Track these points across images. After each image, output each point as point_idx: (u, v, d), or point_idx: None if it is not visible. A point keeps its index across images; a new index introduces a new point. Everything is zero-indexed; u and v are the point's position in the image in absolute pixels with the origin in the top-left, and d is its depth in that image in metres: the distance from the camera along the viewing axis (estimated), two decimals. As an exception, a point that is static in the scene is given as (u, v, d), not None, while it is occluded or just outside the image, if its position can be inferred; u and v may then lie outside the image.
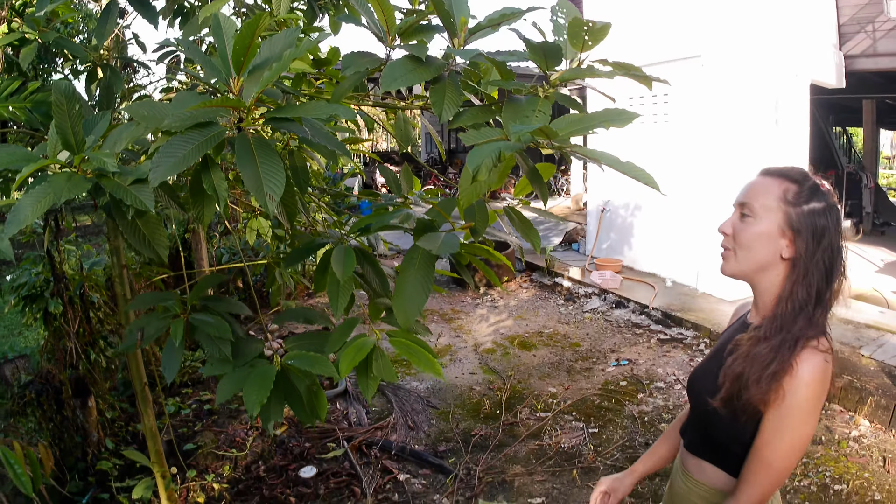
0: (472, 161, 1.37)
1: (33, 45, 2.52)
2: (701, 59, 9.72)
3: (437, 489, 5.23)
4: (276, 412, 2.04)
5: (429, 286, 1.87)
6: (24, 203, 1.45)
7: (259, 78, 1.46)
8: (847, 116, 19.74)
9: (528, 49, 1.75)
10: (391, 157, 30.48)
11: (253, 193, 1.36)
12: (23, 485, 3.02)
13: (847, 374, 6.55)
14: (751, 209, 2.09)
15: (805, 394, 1.89)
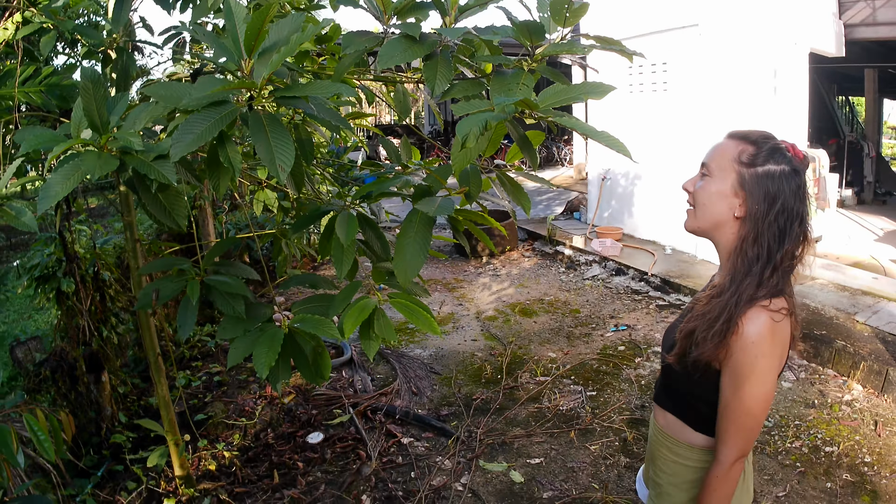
0: (460, 130, 1.49)
1: (52, 33, 2.63)
2: (699, 27, 9.75)
3: (440, 451, 5.36)
4: (283, 373, 2.16)
5: (426, 247, 1.98)
6: (54, 180, 1.57)
7: (268, 60, 1.58)
8: (850, 86, 19.61)
9: (513, 27, 1.86)
10: (395, 129, 30.41)
11: (266, 164, 1.49)
12: (45, 451, 3.13)
13: (841, 339, 6.64)
14: (708, 168, 2.21)
15: (752, 351, 1.96)
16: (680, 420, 2.28)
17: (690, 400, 2.21)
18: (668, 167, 10.65)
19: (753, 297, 2.00)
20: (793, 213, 2.03)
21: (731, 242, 2.14)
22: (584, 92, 1.71)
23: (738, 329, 1.98)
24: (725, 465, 2.07)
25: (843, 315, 7.37)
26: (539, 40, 1.87)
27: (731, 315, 2.00)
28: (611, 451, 5.28)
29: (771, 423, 5.56)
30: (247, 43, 1.59)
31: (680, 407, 2.28)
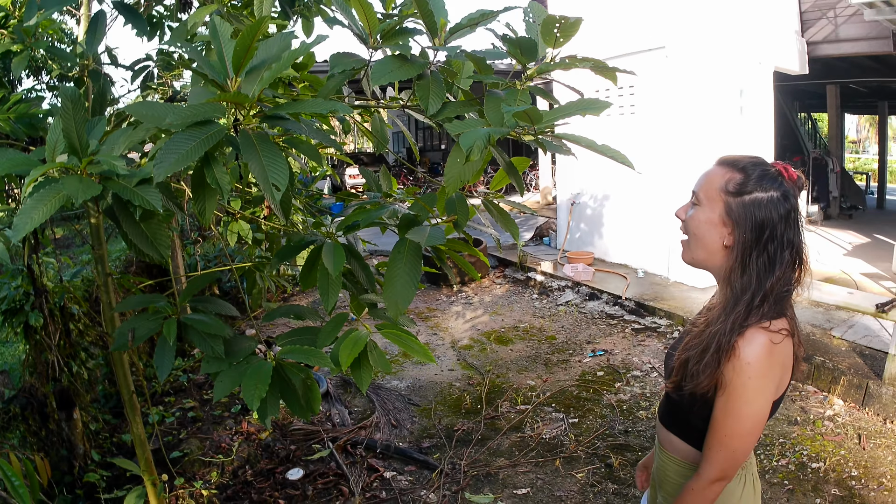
0: (465, 143, 1.45)
1: (25, 53, 2.55)
2: (665, 49, 9.83)
3: (424, 485, 5.28)
4: (272, 407, 2.08)
5: (417, 278, 1.93)
6: (30, 206, 1.49)
7: (256, 78, 1.52)
8: (812, 102, 19.94)
9: (506, 45, 1.83)
10: (360, 158, 30.56)
11: (260, 185, 1.42)
12: (21, 498, 3.03)
13: (819, 355, 6.66)
14: (697, 197, 2.15)
15: (748, 373, 1.94)
16: (685, 442, 2.24)
17: (694, 421, 2.16)
18: (638, 190, 10.69)
19: (744, 324, 1.97)
20: (783, 240, 2.00)
21: (724, 270, 2.12)
22: (582, 108, 1.67)
23: (734, 352, 1.95)
24: (703, 481, 2.06)
25: (819, 331, 7.42)
26: (532, 58, 1.83)
27: (721, 345, 1.98)
28: (598, 478, 5.22)
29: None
30: (235, 60, 1.52)
31: (684, 429, 2.24)
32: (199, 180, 1.69)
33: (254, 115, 1.56)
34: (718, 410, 2.00)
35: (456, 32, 1.88)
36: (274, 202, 1.46)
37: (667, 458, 2.33)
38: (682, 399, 2.14)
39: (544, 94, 1.94)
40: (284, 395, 2.12)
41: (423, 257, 1.96)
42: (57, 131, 1.66)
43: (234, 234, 4.03)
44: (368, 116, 3.07)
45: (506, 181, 2.36)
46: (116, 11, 2.64)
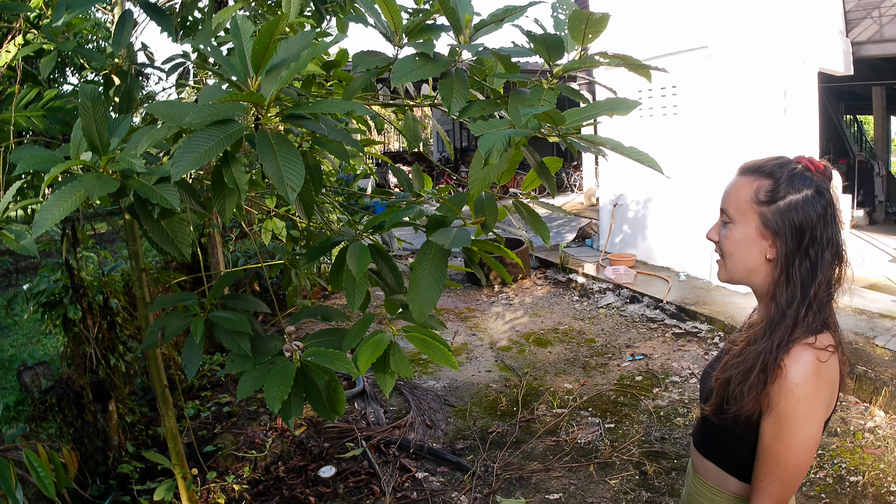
0: (483, 145, 1.42)
1: (53, 53, 2.56)
2: (707, 49, 9.72)
3: (455, 486, 5.26)
4: (296, 408, 2.07)
5: (442, 280, 1.90)
6: (50, 203, 1.49)
7: (277, 77, 1.51)
8: (857, 104, 19.59)
9: (531, 42, 1.79)
10: (403, 157, 30.52)
11: (275, 185, 1.41)
12: (46, 488, 3.05)
13: (861, 364, 6.53)
14: (728, 215, 2.04)
15: (797, 395, 1.81)
16: (721, 469, 2.11)
17: (732, 445, 2.03)
18: (680, 192, 10.58)
19: (790, 339, 1.85)
20: (823, 241, 1.88)
21: (767, 285, 1.99)
22: (609, 108, 1.63)
23: (780, 372, 1.82)
24: None
25: (861, 339, 7.27)
26: (558, 56, 1.79)
27: (767, 364, 1.85)
28: (631, 485, 5.16)
29: (793, 452, 5.43)
30: (254, 59, 1.51)
31: (723, 456, 2.11)
32: (218, 179, 1.68)
33: (274, 115, 1.55)
34: (767, 437, 1.87)
35: (481, 29, 1.85)
36: (290, 202, 1.44)
37: (702, 487, 2.21)
38: (723, 424, 2.00)
39: (573, 92, 1.89)
40: (309, 397, 2.11)
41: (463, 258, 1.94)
42: (80, 131, 1.66)
43: (269, 231, 4.04)
44: (402, 114, 3.05)
45: (538, 182, 2.33)
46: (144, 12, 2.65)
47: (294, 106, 1.56)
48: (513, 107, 1.70)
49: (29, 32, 2.82)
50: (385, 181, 26.56)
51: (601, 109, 1.63)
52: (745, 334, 2.03)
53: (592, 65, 1.77)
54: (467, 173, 2.39)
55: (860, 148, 19.14)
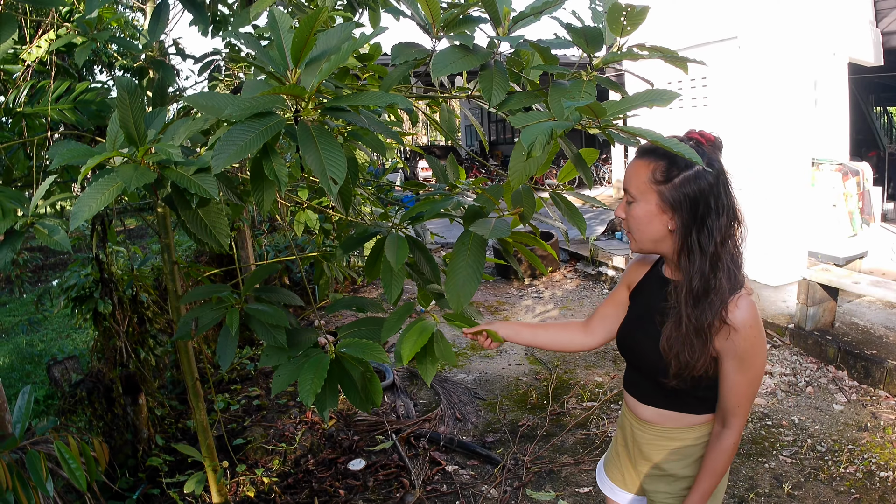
0: (526, 138, 1.41)
1: (87, 43, 2.57)
2: (738, 40, 9.62)
3: (485, 480, 5.25)
4: (331, 400, 2.07)
5: (480, 271, 1.90)
6: (88, 195, 1.50)
7: (316, 70, 1.50)
8: (888, 95, 19.36)
9: (570, 34, 1.79)
10: (432, 150, 30.57)
11: (318, 177, 1.40)
12: (77, 480, 3.07)
13: (892, 359, 6.44)
14: (630, 195, 2.20)
15: (751, 333, 2.11)
16: (680, 412, 2.35)
17: (695, 392, 2.27)
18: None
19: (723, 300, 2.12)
20: (718, 208, 2.11)
21: (673, 252, 2.20)
22: (648, 99, 1.62)
23: (729, 319, 2.10)
24: (738, 431, 2.21)
25: (892, 334, 7.18)
26: (597, 48, 1.79)
27: (706, 333, 2.11)
28: (660, 476, 5.12)
29: (824, 447, 5.40)
30: (294, 52, 1.51)
31: (680, 402, 2.34)
32: (258, 171, 1.68)
33: (313, 108, 1.54)
34: (732, 374, 2.15)
35: (520, 21, 1.84)
36: (332, 194, 1.44)
37: (653, 431, 2.42)
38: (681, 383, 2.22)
39: (612, 84, 1.88)
40: (344, 388, 2.11)
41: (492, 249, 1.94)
42: (116, 123, 1.66)
43: (301, 224, 4.04)
44: (437, 107, 3.05)
45: (574, 173, 2.34)
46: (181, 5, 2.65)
47: (335, 98, 1.55)
48: (554, 99, 1.69)
49: (61, 27, 2.83)
50: (414, 174, 26.59)
51: (640, 101, 1.63)
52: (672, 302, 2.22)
53: (632, 57, 1.76)
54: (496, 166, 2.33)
55: (890, 140, 18.94)
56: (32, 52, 2.79)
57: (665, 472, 2.42)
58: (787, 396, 6.40)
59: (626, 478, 2.61)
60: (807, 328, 7.35)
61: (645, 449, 2.45)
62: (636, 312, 2.48)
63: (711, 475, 2.26)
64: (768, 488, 4.86)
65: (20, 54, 2.80)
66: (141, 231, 16.14)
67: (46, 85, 2.80)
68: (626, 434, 2.57)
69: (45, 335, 10.94)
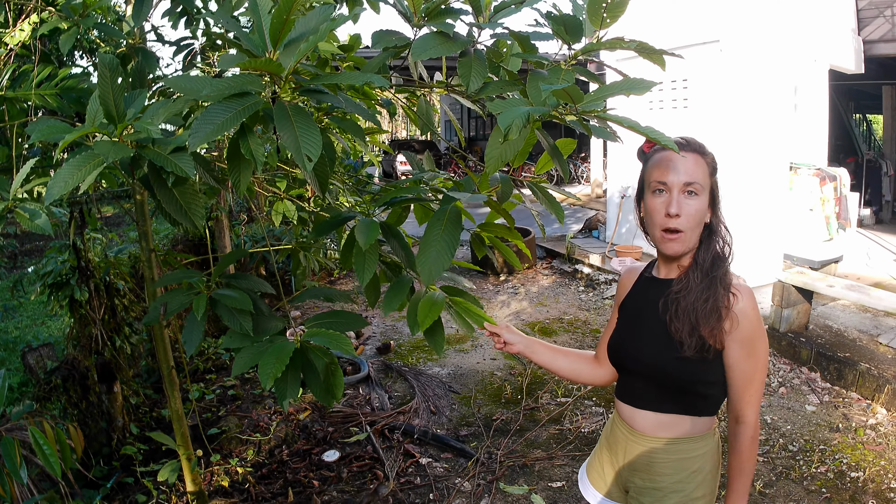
0: (503, 121, 1.43)
1: (73, 30, 2.56)
2: (720, 43, 9.67)
3: (459, 473, 5.27)
4: (292, 389, 2.06)
5: (454, 246, 1.90)
6: (64, 170, 1.50)
7: (295, 51, 1.51)
8: (868, 103, 19.47)
9: (549, 22, 1.80)
10: (411, 145, 30.56)
11: (292, 154, 1.41)
12: (52, 466, 3.06)
13: (864, 361, 6.51)
14: (696, 187, 2.22)
15: (754, 315, 2.20)
16: (681, 415, 2.34)
17: (697, 388, 2.28)
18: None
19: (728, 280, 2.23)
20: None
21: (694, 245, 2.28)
22: (625, 88, 1.63)
23: (734, 304, 2.18)
24: (754, 424, 2.24)
25: (866, 337, 7.25)
26: (577, 38, 1.81)
27: (720, 297, 2.19)
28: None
29: (796, 447, 5.45)
30: (272, 33, 1.52)
31: (682, 402, 2.33)
32: (235, 151, 1.68)
33: (291, 88, 1.54)
34: (738, 360, 2.21)
35: (501, 11, 1.86)
36: (307, 170, 1.44)
37: (650, 441, 2.39)
38: (699, 361, 2.22)
39: (590, 74, 1.90)
40: (307, 379, 2.10)
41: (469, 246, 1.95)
42: (97, 102, 1.66)
43: (279, 214, 4.04)
44: (415, 100, 3.05)
45: (550, 165, 2.34)
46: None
47: (311, 78, 1.56)
48: (532, 84, 1.70)
49: (44, 11, 2.82)
50: (392, 169, 26.58)
51: (618, 89, 1.64)
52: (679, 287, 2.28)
53: (612, 46, 1.77)
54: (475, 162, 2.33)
55: (868, 147, 19.04)
56: (15, 35, 2.77)
57: (655, 486, 2.40)
58: (760, 396, 6.44)
59: (611, 488, 2.59)
60: (781, 329, 7.41)
61: (637, 461, 2.43)
62: (628, 318, 2.50)
63: (740, 475, 2.27)
64: (739, 486, 4.89)
65: (2, 37, 2.79)
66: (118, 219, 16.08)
67: (29, 69, 2.79)
68: (615, 446, 2.54)
69: (20, 322, 10.89)
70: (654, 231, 2.27)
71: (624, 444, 2.48)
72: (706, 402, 2.30)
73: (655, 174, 2.26)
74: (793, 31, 9.46)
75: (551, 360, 2.70)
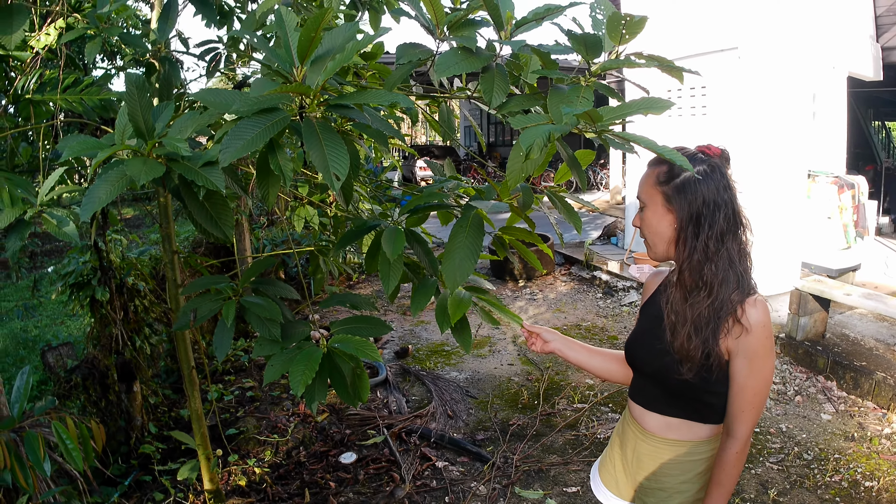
0: (525, 140, 1.46)
1: (98, 40, 2.61)
2: (738, 51, 9.65)
3: (475, 476, 5.29)
4: (319, 393, 2.11)
5: (478, 252, 1.95)
6: (98, 186, 1.54)
7: (321, 67, 1.55)
8: (887, 110, 19.37)
9: (570, 40, 1.83)
10: (430, 150, 30.56)
11: (320, 173, 1.44)
12: (73, 460, 3.10)
13: (881, 370, 6.49)
14: (641, 201, 2.32)
15: (763, 333, 2.16)
16: (687, 420, 2.37)
17: (704, 397, 2.30)
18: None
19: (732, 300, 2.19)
20: (716, 209, 2.20)
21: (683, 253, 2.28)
22: (644, 107, 1.66)
23: (743, 319, 2.16)
24: (743, 441, 2.22)
25: (882, 346, 7.23)
26: (596, 55, 1.83)
27: (720, 317, 2.18)
28: (647, 479, 5.16)
29: (810, 456, 5.45)
30: (300, 50, 1.55)
31: (688, 408, 2.36)
32: (264, 166, 1.72)
33: (318, 104, 1.58)
34: (741, 376, 2.19)
35: (522, 26, 1.89)
36: (335, 190, 1.48)
37: (656, 442, 2.43)
38: (691, 382, 2.24)
39: (609, 90, 1.93)
40: (334, 382, 2.14)
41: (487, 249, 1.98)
42: (125, 116, 1.70)
43: (300, 219, 4.07)
44: (436, 107, 3.08)
45: (569, 175, 2.38)
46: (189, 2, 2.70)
47: (339, 96, 1.59)
48: (552, 103, 1.73)
49: (70, 16, 2.87)
50: (411, 174, 26.61)
51: (636, 109, 1.67)
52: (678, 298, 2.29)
53: (629, 65, 1.80)
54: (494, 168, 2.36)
55: (888, 154, 18.96)
56: (41, 39, 2.83)
57: (660, 486, 2.43)
58: (775, 404, 6.45)
59: (621, 486, 2.62)
60: (797, 338, 7.39)
61: (645, 461, 2.46)
62: (646, 320, 2.53)
63: (718, 486, 2.27)
64: (754, 494, 4.90)
65: (29, 41, 2.84)
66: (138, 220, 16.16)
67: (55, 74, 2.84)
68: (625, 444, 2.58)
69: (40, 321, 10.96)
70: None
71: (633, 443, 2.52)
72: (713, 411, 2.32)
73: None
74: (811, 38, 9.43)
75: (587, 359, 2.79)
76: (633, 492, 2.58)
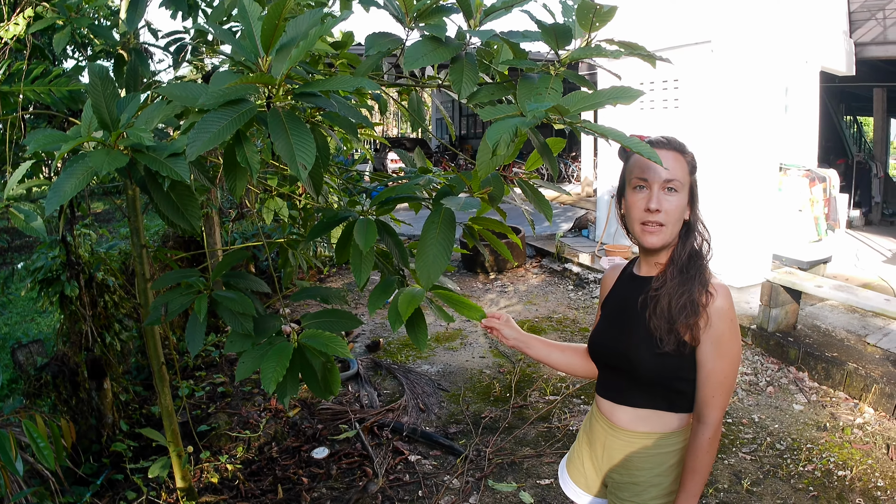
0: (491, 136, 1.44)
1: (66, 29, 2.58)
2: (711, 44, 9.67)
3: (448, 470, 5.28)
4: (291, 388, 2.09)
5: (450, 247, 1.93)
6: (63, 179, 1.51)
7: (286, 56, 1.53)
8: (858, 105, 19.49)
9: (540, 29, 1.81)
10: (402, 143, 30.52)
11: (287, 163, 1.42)
12: (45, 458, 3.07)
13: (852, 361, 6.55)
14: (676, 184, 2.28)
15: (728, 316, 2.21)
16: (657, 410, 2.37)
17: (673, 384, 2.31)
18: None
19: (706, 279, 2.26)
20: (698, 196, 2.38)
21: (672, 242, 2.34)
22: (613, 97, 1.65)
23: (710, 302, 2.21)
24: (714, 426, 2.24)
25: (853, 337, 7.29)
26: (566, 44, 1.82)
27: (697, 291, 2.23)
28: (620, 471, 5.17)
29: (783, 445, 5.49)
30: (263, 39, 1.53)
31: (657, 397, 2.36)
32: (231, 158, 1.70)
33: (284, 93, 1.56)
34: (709, 360, 2.22)
35: (491, 14, 1.88)
36: (302, 179, 1.46)
37: (627, 435, 2.43)
38: (676, 355, 2.25)
39: (580, 79, 1.92)
40: (305, 376, 2.13)
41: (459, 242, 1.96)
42: (90, 110, 1.68)
43: (270, 211, 4.04)
44: (406, 95, 3.07)
45: (540, 162, 2.37)
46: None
47: (305, 84, 1.57)
48: (521, 95, 1.71)
49: (38, 5, 2.83)
50: (383, 166, 26.55)
51: (605, 98, 1.66)
52: (658, 283, 2.32)
53: (599, 54, 1.79)
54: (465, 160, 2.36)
55: (859, 149, 19.06)
56: (10, 29, 2.79)
57: (633, 481, 2.42)
58: (747, 395, 6.48)
59: (590, 482, 2.63)
60: (769, 329, 7.44)
61: (617, 456, 2.46)
62: (609, 315, 2.55)
63: (692, 474, 2.27)
64: (727, 484, 4.92)
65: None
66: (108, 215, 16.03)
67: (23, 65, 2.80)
68: (594, 441, 2.57)
69: (10, 318, 10.86)
70: (634, 225, 2.33)
71: (603, 439, 2.52)
72: (683, 399, 2.33)
73: (637, 171, 2.31)
74: (784, 32, 9.47)
75: (547, 355, 2.77)
76: (603, 487, 2.59)
